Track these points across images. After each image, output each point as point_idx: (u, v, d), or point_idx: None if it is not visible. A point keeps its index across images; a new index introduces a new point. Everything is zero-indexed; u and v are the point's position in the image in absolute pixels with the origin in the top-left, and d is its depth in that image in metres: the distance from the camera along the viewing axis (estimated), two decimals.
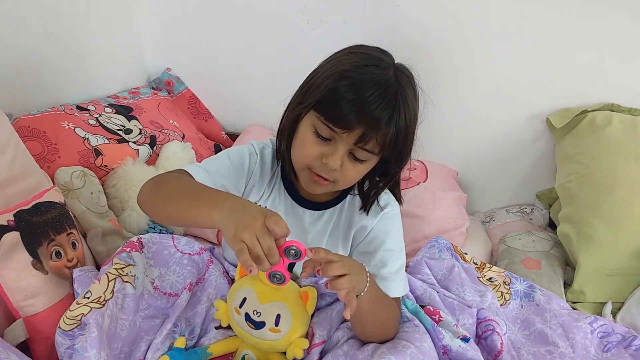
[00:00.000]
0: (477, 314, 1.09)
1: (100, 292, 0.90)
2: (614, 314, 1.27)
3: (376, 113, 0.84)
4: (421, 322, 1.00)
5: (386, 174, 1.00)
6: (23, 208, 0.95)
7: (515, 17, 1.50)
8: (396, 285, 1.00)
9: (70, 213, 1.07)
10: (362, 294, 0.85)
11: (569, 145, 1.52)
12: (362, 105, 0.84)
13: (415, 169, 1.66)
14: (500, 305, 1.18)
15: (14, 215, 0.93)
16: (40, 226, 0.95)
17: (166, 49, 1.93)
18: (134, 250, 1.01)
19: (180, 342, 0.94)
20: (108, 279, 0.92)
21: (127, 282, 0.94)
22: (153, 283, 1.02)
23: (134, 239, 1.04)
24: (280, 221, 0.71)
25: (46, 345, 0.92)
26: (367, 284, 0.86)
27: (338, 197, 1.06)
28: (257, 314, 0.91)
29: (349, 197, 1.07)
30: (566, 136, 1.53)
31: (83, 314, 0.85)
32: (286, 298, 0.92)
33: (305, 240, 1.05)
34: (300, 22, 1.70)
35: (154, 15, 1.86)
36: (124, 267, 0.96)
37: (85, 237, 1.22)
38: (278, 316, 0.91)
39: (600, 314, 1.28)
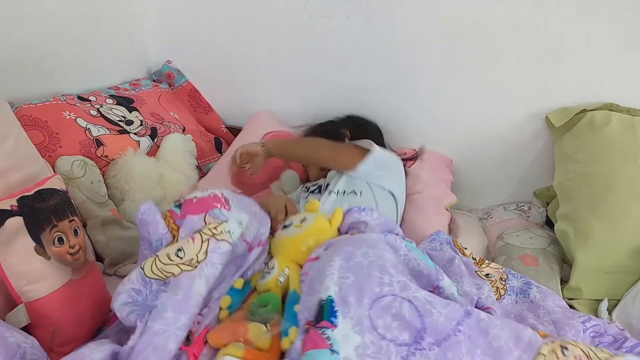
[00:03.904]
0: (476, 302, 1.10)
1: (194, 253, 0.89)
2: (610, 311, 1.28)
3: None
4: (424, 261, 1.03)
5: None
6: (26, 194, 0.95)
7: (515, 15, 1.50)
8: None
9: (72, 201, 1.07)
10: (264, 143, 1.42)
11: (568, 144, 1.53)
12: None
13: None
14: (496, 300, 1.19)
15: (17, 200, 0.93)
16: (43, 212, 0.95)
17: (167, 41, 1.94)
18: (223, 208, 1.00)
19: (238, 284, 1.01)
20: (202, 239, 0.92)
21: (222, 240, 0.93)
22: (242, 231, 1.03)
23: (218, 194, 1.02)
24: None
25: (48, 330, 0.92)
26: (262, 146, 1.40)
27: None
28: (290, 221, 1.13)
29: None
30: (565, 135, 1.54)
31: (174, 274, 0.86)
32: (317, 214, 1.13)
33: None
34: (302, 17, 1.70)
35: (155, 7, 1.86)
36: (217, 226, 0.95)
37: (85, 226, 1.22)
38: (304, 218, 1.11)
39: (596, 310, 1.29)
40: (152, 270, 0.87)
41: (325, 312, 0.82)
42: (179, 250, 0.90)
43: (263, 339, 0.86)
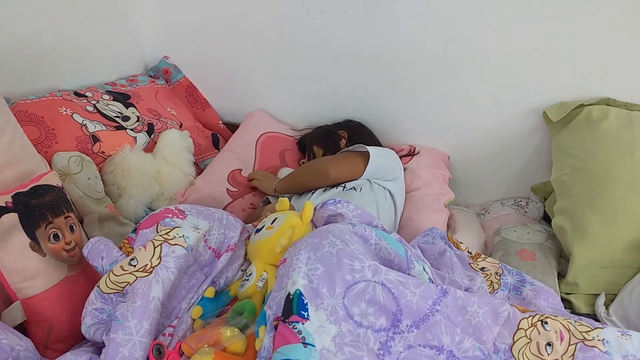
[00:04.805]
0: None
1: (147, 259, 0.90)
2: (607, 305, 1.29)
3: None
4: (395, 249, 1.01)
5: None
6: (21, 190, 0.95)
7: (513, 10, 1.50)
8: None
9: (67, 197, 1.07)
10: (275, 186, 1.54)
11: (565, 139, 1.52)
12: None
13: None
14: (489, 293, 1.19)
15: (12, 197, 0.93)
16: (38, 208, 0.95)
17: (164, 37, 1.93)
18: (175, 217, 1.01)
19: (209, 292, 0.99)
20: (154, 245, 0.92)
21: (175, 244, 0.94)
22: (205, 236, 1.03)
23: (171, 207, 1.03)
24: None
25: (44, 327, 0.92)
26: (276, 182, 1.55)
27: None
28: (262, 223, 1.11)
29: None
30: (562, 130, 1.54)
31: (128, 282, 0.86)
32: (288, 212, 1.12)
33: None
34: (299, 12, 1.69)
35: (152, 3, 1.85)
36: (169, 231, 0.95)
37: (82, 222, 1.22)
38: (275, 219, 1.09)
39: (593, 305, 1.30)
40: (107, 285, 0.87)
41: (294, 306, 0.81)
42: (132, 259, 0.90)
43: (235, 342, 0.85)
